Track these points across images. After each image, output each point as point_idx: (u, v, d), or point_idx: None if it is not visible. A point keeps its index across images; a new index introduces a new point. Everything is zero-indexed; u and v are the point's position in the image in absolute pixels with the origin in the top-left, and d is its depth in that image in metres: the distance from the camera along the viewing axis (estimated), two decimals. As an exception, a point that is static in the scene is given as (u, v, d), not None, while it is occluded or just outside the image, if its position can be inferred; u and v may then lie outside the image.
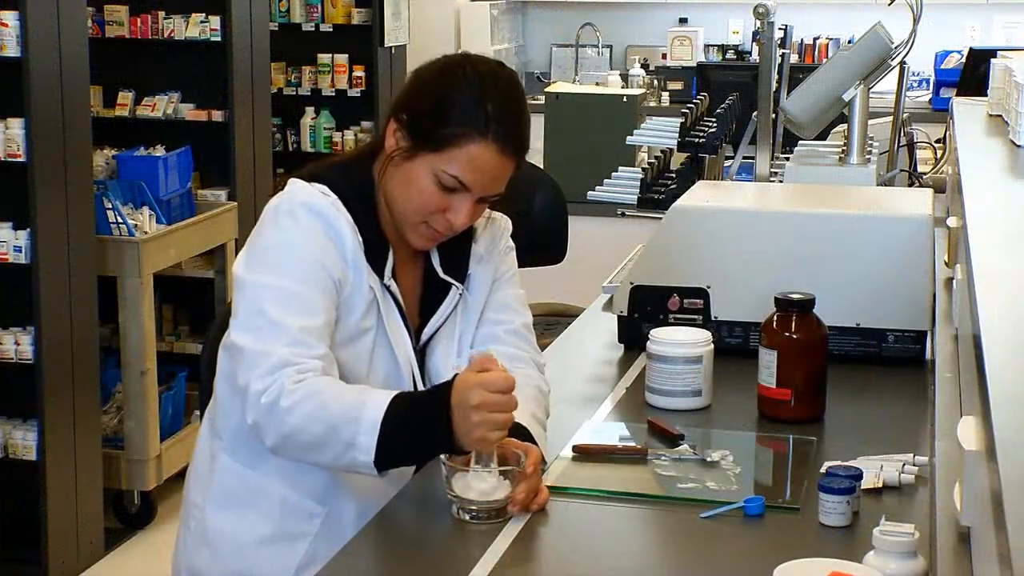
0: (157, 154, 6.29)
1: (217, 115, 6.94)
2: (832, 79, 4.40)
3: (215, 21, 6.86)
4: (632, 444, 2.76)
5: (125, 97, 7.00)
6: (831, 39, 9.63)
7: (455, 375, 2.37)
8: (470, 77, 2.53)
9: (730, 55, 9.75)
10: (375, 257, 2.55)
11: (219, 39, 6.88)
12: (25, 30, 4.73)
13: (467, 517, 2.36)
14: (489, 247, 2.72)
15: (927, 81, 8.90)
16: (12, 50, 4.77)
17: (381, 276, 2.56)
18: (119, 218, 5.81)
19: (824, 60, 8.78)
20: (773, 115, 4.56)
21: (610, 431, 2.86)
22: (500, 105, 2.50)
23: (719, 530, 2.36)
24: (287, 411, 2.31)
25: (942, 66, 8.79)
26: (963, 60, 7.39)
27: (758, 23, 4.50)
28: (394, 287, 2.59)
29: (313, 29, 8.18)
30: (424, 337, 2.66)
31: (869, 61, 4.36)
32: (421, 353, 2.66)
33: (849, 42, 9.31)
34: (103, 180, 5.95)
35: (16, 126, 4.81)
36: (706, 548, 2.30)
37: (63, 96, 5.02)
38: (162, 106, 6.99)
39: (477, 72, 2.55)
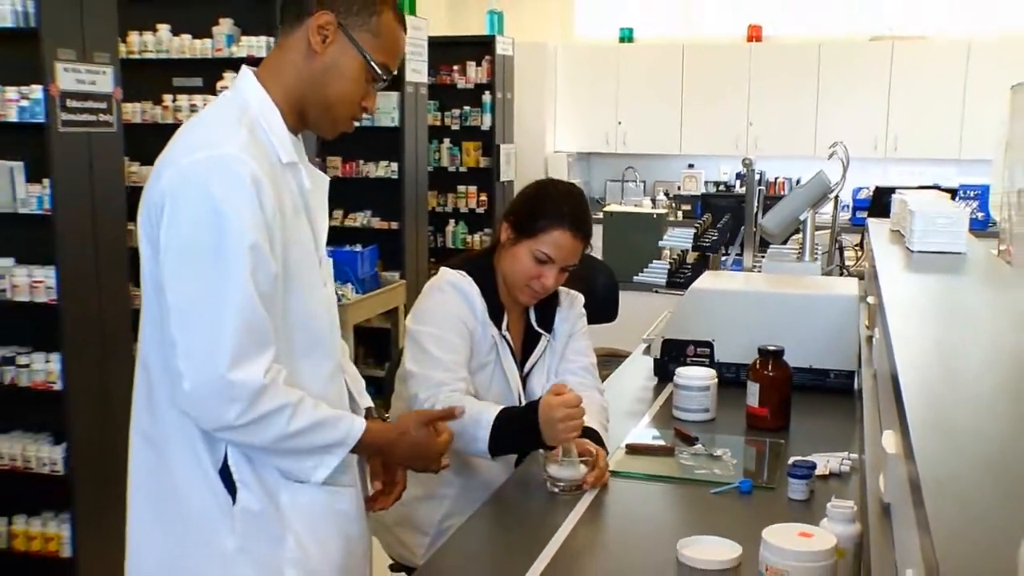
0: (356, 249, 6.36)
1: (394, 225, 7.02)
2: (793, 205, 4.42)
3: (394, 165, 6.97)
4: (664, 444, 2.73)
5: (338, 213, 7.10)
6: (787, 179, 9.59)
7: (540, 398, 2.39)
8: (552, 191, 2.60)
9: (722, 188, 9.73)
10: (495, 316, 2.57)
11: (396, 177, 6.98)
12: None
13: (556, 490, 2.36)
14: (568, 311, 2.74)
15: (848, 206, 8.85)
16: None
17: (500, 328, 2.58)
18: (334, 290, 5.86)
19: (783, 193, 8.76)
20: (754, 228, 4.56)
21: (649, 435, 2.83)
22: (573, 206, 2.54)
23: (723, 502, 2.34)
24: None
25: (858, 196, 8.79)
26: (871, 193, 7.44)
27: (744, 169, 4.53)
28: (508, 336, 2.61)
29: (455, 170, 8.25)
30: (526, 369, 2.67)
31: (816, 194, 4.39)
32: (523, 380, 2.66)
33: (798, 181, 9.30)
34: (322, 266, 6.01)
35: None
36: (715, 514, 2.27)
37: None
38: (360, 219, 7.09)
39: (557, 188, 2.63)
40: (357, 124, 2.01)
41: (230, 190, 1.71)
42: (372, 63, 1.86)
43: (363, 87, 1.88)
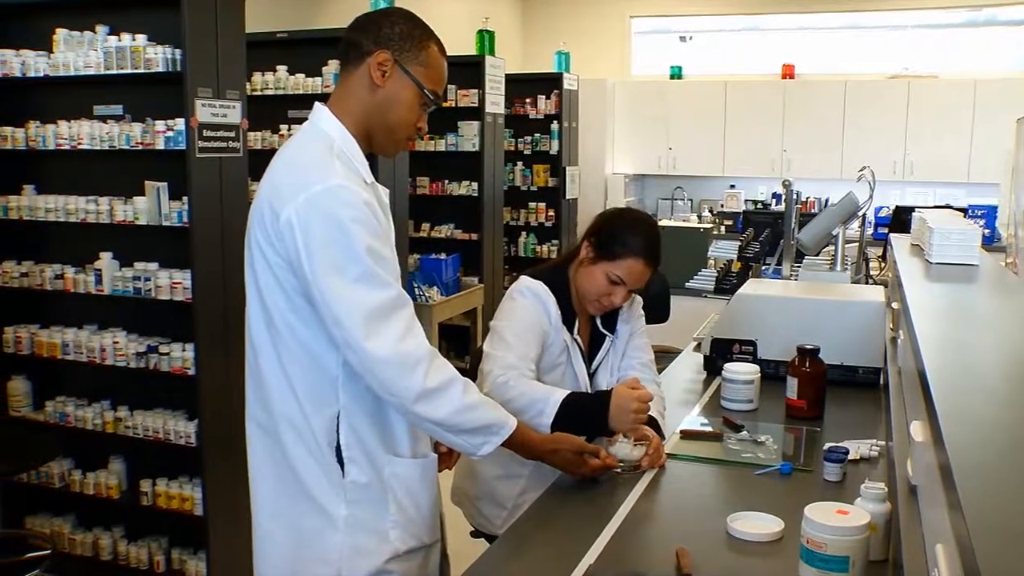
0: (441, 257, 6.39)
1: (474, 236, 7.03)
2: (826, 222, 4.35)
3: (475, 185, 6.99)
4: (713, 430, 2.70)
5: (425, 226, 7.13)
6: (817, 198, 9.45)
7: (613, 388, 2.37)
8: (632, 222, 2.53)
9: (759, 206, 9.62)
10: (568, 321, 2.54)
11: (476, 194, 6.99)
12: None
13: (617, 470, 2.32)
14: (629, 314, 2.70)
15: (871, 223, 8.71)
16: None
17: (571, 332, 2.55)
18: (422, 292, 5.89)
19: (814, 211, 8.67)
20: (792, 242, 4.50)
21: (699, 422, 2.80)
22: (647, 236, 2.49)
23: (766, 482, 2.31)
24: (511, 388, 2.30)
25: (879, 214, 8.67)
26: (891, 212, 7.34)
27: (783, 190, 4.47)
28: (578, 339, 2.58)
29: (526, 189, 8.25)
30: (593, 366, 2.64)
31: (846, 213, 4.31)
32: (590, 376, 2.63)
33: (826, 201, 9.18)
34: (413, 271, 6.05)
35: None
36: (758, 492, 2.24)
37: (398, 224, 5.05)
38: (445, 231, 7.12)
39: (635, 217, 2.56)
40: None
41: (349, 210, 1.75)
42: (425, 91, 1.89)
43: (418, 112, 1.91)
